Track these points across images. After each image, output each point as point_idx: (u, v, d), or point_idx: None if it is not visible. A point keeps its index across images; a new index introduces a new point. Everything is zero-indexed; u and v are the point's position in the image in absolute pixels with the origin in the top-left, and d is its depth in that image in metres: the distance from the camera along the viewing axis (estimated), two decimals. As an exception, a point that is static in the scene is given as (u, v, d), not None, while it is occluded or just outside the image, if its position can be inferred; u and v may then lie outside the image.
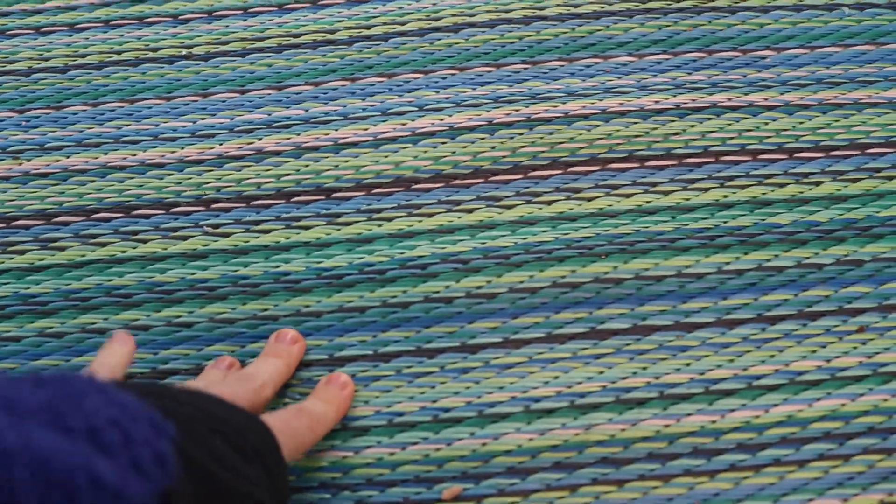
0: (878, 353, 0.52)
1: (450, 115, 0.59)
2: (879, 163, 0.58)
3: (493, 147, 0.58)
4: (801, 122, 0.59)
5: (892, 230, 0.56)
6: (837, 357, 0.52)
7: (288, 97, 0.61)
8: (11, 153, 0.59)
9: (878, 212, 0.56)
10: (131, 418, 0.35)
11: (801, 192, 0.57)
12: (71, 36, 0.63)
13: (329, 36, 0.63)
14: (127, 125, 0.60)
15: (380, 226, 0.56)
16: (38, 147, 0.60)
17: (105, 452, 0.34)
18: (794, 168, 0.58)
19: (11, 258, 0.56)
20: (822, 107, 0.59)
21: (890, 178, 0.57)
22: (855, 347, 0.53)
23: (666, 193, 0.57)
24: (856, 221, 0.56)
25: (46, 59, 0.63)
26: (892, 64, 0.61)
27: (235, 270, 0.55)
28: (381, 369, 0.53)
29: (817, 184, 0.57)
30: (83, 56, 0.63)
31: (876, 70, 0.61)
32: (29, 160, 0.59)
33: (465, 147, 0.58)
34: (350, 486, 0.50)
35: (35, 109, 0.61)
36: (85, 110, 0.61)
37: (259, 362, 0.51)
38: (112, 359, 0.49)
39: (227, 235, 0.56)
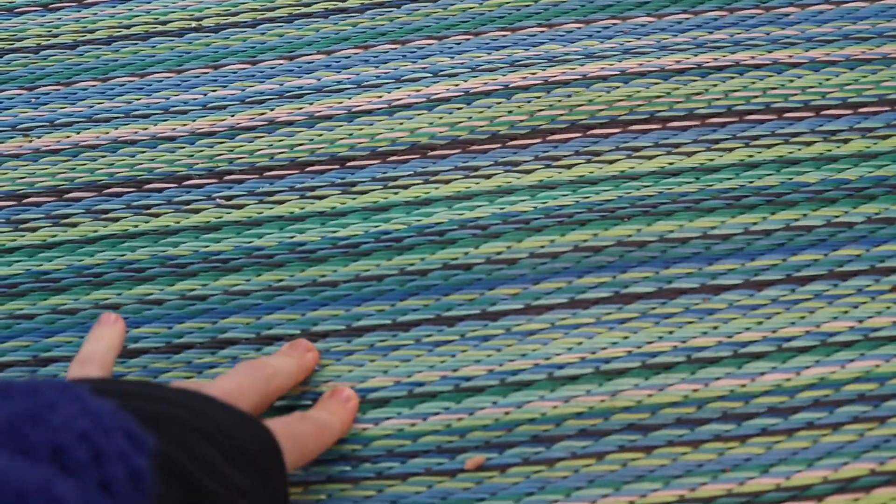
0: (912, 312, 0.51)
1: (465, 81, 0.58)
2: (910, 118, 0.56)
3: (510, 111, 0.57)
4: (827, 79, 0.57)
5: (925, 186, 0.54)
6: (870, 317, 0.51)
7: (300, 67, 0.59)
8: (21, 130, 0.59)
9: (909, 168, 0.54)
10: (105, 431, 0.33)
11: (830, 150, 0.55)
12: (79, 11, 0.62)
13: (341, 4, 0.61)
14: (137, 99, 0.59)
15: (396, 193, 0.55)
16: (48, 124, 0.59)
17: (69, 472, 0.31)
18: (821, 126, 0.56)
19: (24, 235, 0.56)
20: (849, 63, 0.58)
21: (921, 133, 0.55)
22: (888, 307, 0.51)
23: (689, 154, 0.55)
24: (887, 178, 0.54)
25: (55, 36, 0.62)
26: (921, 17, 0.59)
27: (249, 242, 0.54)
28: (399, 339, 0.51)
29: (846, 141, 0.55)
30: (92, 31, 0.62)
31: (904, 24, 0.59)
32: (39, 137, 0.58)
33: (481, 112, 0.57)
34: (371, 457, 0.49)
35: (45, 86, 0.60)
36: (95, 85, 0.60)
37: (271, 356, 0.49)
38: (100, 344, 0.46)
39: (240, 207, 0.55)
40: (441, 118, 0.57)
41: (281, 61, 0.60)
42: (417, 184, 0.55)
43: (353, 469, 0.49)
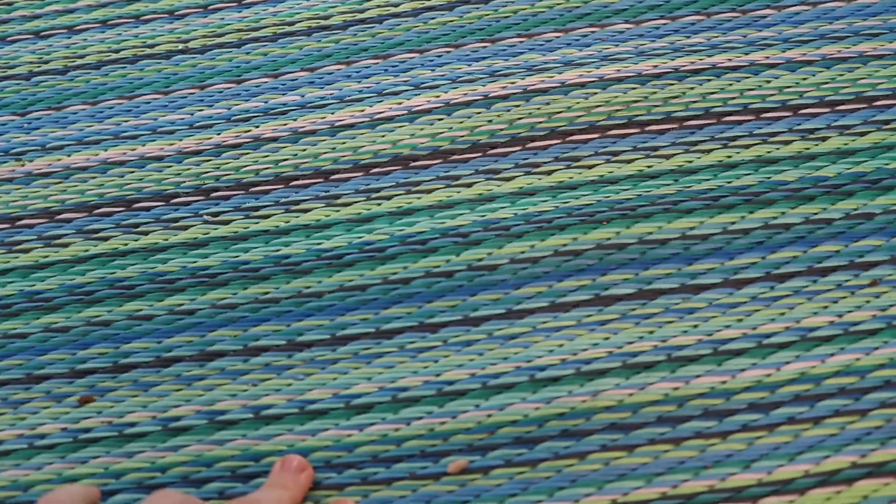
0: (892, 305, 0.51)
1: (445, 92, 0.59)
2: (887, 115, 0.56)
3: (490, 120, 0.58)
4: (804, 79, 0.58)
5: (903, 181, 0.54)
6: (850, 311, 0.51)
7: (284, 84, 0.61)
8: (14, 155, 0.60)
9: (887, 164, 0.55)
10: None
11: (808, 149, 0.56)
12: (70, 38, 0.64)
13: (323, 22, 0.63)
14: (126, 121, 0.60)
15: (379, 205, 0.56)
16: (39, 148, 0.60)
17: None
18: (799, 125, 0.56)
19: (17, 257, 0.57)
20: (825, 62, 0.58)
21: (897, 129, 0.56)
22: (868, 301, 0.51)
23: (668, 157, 0.56)
24: (865, 175, 0.55)
25: (46, 62, 0.63)
26: (897, 15, 0.60)
27: (236, 256, 0.55)
28: (383, 346, 0.52)
29: (823, 139, 0.56)
30: (82, 57, 0.63)
31: (881, 22, 0.60)
32: (31, 161, 0.60)
33: (461, 122, 0.58)
34: (355, 464, 0.49)
35: (36, 111, 0.61)
36: (85, 109, 0.61)
37: (261, 491, 0.48)
38: None
39: (227, 223, 0.56)
40: (422, 129, 0.58)
41: (266, 79, 0.61)
42: (400, 194, 0.56)
43: (339, 475, 0.49)
